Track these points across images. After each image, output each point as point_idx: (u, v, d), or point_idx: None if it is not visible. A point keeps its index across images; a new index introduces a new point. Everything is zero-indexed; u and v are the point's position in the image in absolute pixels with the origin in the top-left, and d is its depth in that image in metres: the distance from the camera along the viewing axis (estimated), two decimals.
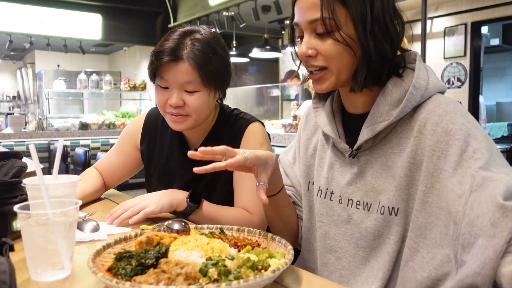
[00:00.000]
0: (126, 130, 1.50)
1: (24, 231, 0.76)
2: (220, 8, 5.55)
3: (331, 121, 1.00)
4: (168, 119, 1.27)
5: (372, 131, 0.89)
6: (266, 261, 0.75)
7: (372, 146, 0.92)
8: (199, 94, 1.22)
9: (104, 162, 1.50)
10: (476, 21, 4.98)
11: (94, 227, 1.07)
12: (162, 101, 1.24)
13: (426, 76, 0.89)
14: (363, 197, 0.93)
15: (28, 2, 6.05)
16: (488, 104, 6.77)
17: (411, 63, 0.91)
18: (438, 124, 0.82)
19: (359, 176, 0.94)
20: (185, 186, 1.36)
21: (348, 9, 0.84)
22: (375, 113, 0.90)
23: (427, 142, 0.83)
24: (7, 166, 1.06)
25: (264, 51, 6.13)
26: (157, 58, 1.19)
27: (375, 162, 0.91)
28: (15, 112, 9.94)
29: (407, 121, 0.88)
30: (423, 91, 0.86)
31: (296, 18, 0.91)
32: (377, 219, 0.90)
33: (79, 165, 3.44)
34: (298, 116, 3.92)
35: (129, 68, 8.85)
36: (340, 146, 0.97)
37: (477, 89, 5.13)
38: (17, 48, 8.66)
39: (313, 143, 1.10)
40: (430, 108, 0.85)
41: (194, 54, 1.18)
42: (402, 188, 0.86)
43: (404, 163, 0.86)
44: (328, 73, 0.90)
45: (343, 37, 0.85)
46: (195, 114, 1.24)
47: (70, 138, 5.93)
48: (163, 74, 1.20)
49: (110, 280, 0.65)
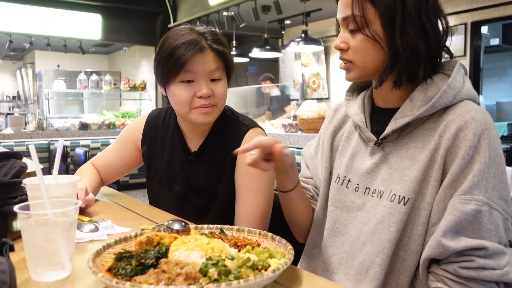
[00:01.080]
0: (126, 130, 1.50)
1: (24, 231, 0.76)
2: (220, 8, 5.55)
3: (361, 112, 1.04)
4: (195, 115, 1.24)
5: (400, 122, 0.92)
6: (266, 261, 0.75)
7: (397, 138, 0.95)
8: (222, 82, 1.26)
9: (102, 159, 1.50)
10: (476, 21, 4.98)
11: (93, 227, 1.07)
12: (188, 97, 1.22)
13: (462, 81, 0.92)
14: (379, 186, 0.96)
15: (28, 2, 6.05)
16: (488, 104, 6.78)
17: (450, 70, 0.94)
18: (461, 130, 0.85)
19: (379, 166, 0.97)
20: (185, 188, 1.36)
21: (376, 8, 0.89)
22: (407, 107, 0.93)
23: (446, 143, 0.86)
24: (7, 166, 1.06)
25: (264, 51, 6.12)
26: (182, 51, 1.18)
27: (396, 153, 0.94)
28: (15, 112, 9.94)
29: (435, 120, 0.91)
30: (457, 92, 0.89)
31: (337, 15, 0.98)
32: (386, 206, 0.92)
33: (79, 165, 3.41)
34: (298, 116, 3.92)
35: (129, 68, 8.85)
36: (366, 135, 1.00)
37: (477, 89, 5.13)
38: (17, 48, 8.66)
39: (339, 135, 1.13)
40: (459, 111, 0.88)
41: (214, 43, 1.23)
42: (418, 180, 0.89)
43: (425, 159, 0.89)
44: (352, 65, 0.96)
45: (372, 33, 0.90)
46: (220, 103, 1.26)
47: (70, 138, 5.93)
48: (189, 67, 1.19)
49: (110, 280, 0.65)
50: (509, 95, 7.56)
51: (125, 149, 1.47)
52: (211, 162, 1.33)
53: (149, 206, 1.39)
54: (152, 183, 1.45)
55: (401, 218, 0.89)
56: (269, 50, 6.13)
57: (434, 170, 0.87)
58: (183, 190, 1.36)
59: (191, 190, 1.35)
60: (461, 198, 0.81)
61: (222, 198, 1.32)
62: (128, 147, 1.47)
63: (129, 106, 8.09)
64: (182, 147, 1.37)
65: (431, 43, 0.90)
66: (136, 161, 1.48)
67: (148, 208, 1.35)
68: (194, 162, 1.35)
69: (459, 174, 0.83)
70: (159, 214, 1.27)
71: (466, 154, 0.83)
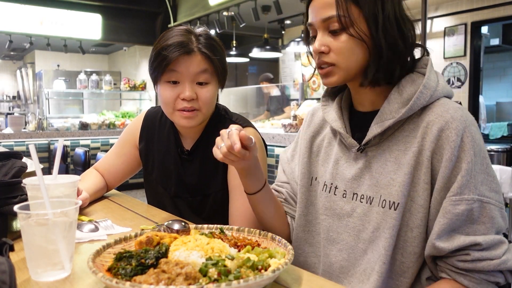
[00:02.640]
0: (126, 130, 1.50)
1: (24, 231, 0.76)
2: (220, 8, 5.55)
3: (340, 117, 1.03)
4: (177, 117, 1.25)
5: (381, 127, 0.93)
6: (266, 261, 0.75)
7: (379, 142, 0.95)
8: (210, 86, 1.24)
9: (104, 164, 1.49)
10: (476, 21, 4.98)
11: (93, 227, 1.07)
12: (172, 97, 1.22)
13: (436, 79, 0.93)
14: (367, 191, 0.96)
15: (28, 2, 6.05)
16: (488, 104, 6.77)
17: (422, 68, 0.95)
18: (443, 131, 0.86)
19: (364, 171, 0.97)
20: (179, 187, 1.36)
21: (360, 8, 0.90)
22: (385, 110, 0.93)
23: (430, 145, 0.87)
24: (7, 166, 1.06)
25: (264, 51, 6.12)
26: (169, 52, 1.18)
27: (380, 157, 0.95)
28: (15, 112, 9.93)
29: (414, 120, 0.92)
30: (433, 92, 0.90)
31: (310, 19, 0.96)
32: (378, 212, 0.93)
33: (79, 165, 3.44)
34: (298, 116, 3.92)
35: (129, 68, 8.84)
36: (347, 142, 1.00)
37: (477, 89, 5.13)
38: (17, 48, 8.66)
39: (318, 140, 1.12)
40: (438, 111, 0.89)
41: (204, 46, 1.21)
42: (406, 184, 0.89)
43: (409, 161, 0.89)
44: (335, 68, 0.94)
45: (357, 32, 0.90)
46: (205, 107, 1.24)
47: (70, 138, 5.93)
48: (174, 67, 1.20)
49: (110, 280, 0.65)
50: (509, 95, 7.56)
51: (126, 150, 1.47)
52: (203, 161, 1.33)
53: (148, 206, 1.39)
54: (149, 181, 1.45)
55: (393, 223, 0.90)
56: (269, 50, 6.13)
57: (422, 172, 0.88)
58: (177, 188, 1.36)
59: (185, 188, 1.35)
60: (452, 200, 0.84)
61: (215, 197, 1.32)
62: (129, 148, 1.47)
63: (129, 106, 8.09)
64: (176, 145, 1.37)
65: (407, 40, 0.93)
66: (138, 161, 1.48)
67: (148, 208, 1.35)
68: (187, 161, 1.35)
69: (449, 176, 0.85)
70: (159, 214, 1.27)
71: (452, 155, 0.85)
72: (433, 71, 0.94)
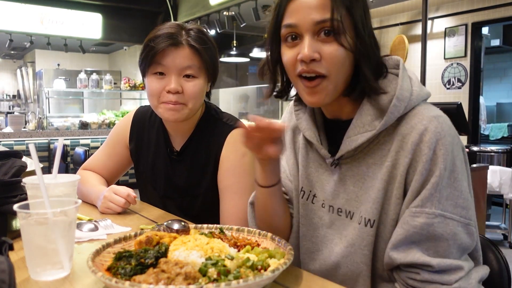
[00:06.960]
0: (115, 130, 1.48)
1: (24, 231, 0.76)
2: (221, 8, 5.55)
3: (313, 126, 0.97)
4: (162, 110, 1.23)
5: (354, 141, 0.87)
6: (265, 261, 0.75)
7: (353, 154, 0.90)
8: (197, 81, 1.22)
9: (98, 164, 1.48)
10: (476, 22, 4.98)
11: (93, 227, 1.07)
12: (157, 90, 1.21)
13: (409, 86, 0.86)
14: (344, 205, 0.92)
15: (29, 1, 6.04)
16: (489, 105, 6.77)
17: (394, 68, 0.89)
18: (417, 144, 0.81)
19: (341, 184, 0.93)
20: (168, 187, 1.36)
21: (351, 16, 0.82)
22: (358, 123, 0.88)
23: (404, 160, 0.83)
24: (7, 165, 1.06)
25: (264, 51, 6.11)
26: (156, 43, 1.18)
27: (356, 171, 0.90)
28: (15, 111, 9.94)
29: (389, 133, 0.86)
30: (406, 103, 0.84)
31: (294, 19, 0.84)
32: (355, 228, 0.90)
33: (79, 164, 3.43)
34: None
35: (129, 67, 8.84)
36: (321, 152, 0.96)
37: (478, 89, 5.13)
38: (17, 47, 8.66)
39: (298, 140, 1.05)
40: (412, 123, 0.83)
41: (193, 40, 1.20)
42: (379, 201, 0.86)
43: (383, 176, 0.86)
44: (325, 81, 0.84)
45: (348, 42, 0.81)
46: (192, 102, 1.22)
47: (70, 137, 5.92)
48: (161, 60, 1.19)
49: (110, 280, 0.65)
50: (510, 96, 7.56)
51: (117, 151, 1.46)
52: (193, 162, 1.32)
53: (148, 205, 1.39)
54: (140, 180, 1.45)
55: (371, 240, 0.87)
56: None
57: (395, 187, 0.84)
58: (166, 188, 1.36)
59: (174, 189, 1.35)
60: (412, 212, 0.81)
61: (204, 198, 1.31)
62: (119, 149, 1.46)
63: (129, 105, 8.09)
64: (166, 145, 1.37)
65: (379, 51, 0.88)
66: (129, 160, 1.48)
67: (147, 208, 1.35)
68: (176, 162, 1.35)
69: (419, 189, 0.81)
70: (159, 214, 1.27)
71: (423, 168, 0.80)
72: (406, 77, 0.87)
